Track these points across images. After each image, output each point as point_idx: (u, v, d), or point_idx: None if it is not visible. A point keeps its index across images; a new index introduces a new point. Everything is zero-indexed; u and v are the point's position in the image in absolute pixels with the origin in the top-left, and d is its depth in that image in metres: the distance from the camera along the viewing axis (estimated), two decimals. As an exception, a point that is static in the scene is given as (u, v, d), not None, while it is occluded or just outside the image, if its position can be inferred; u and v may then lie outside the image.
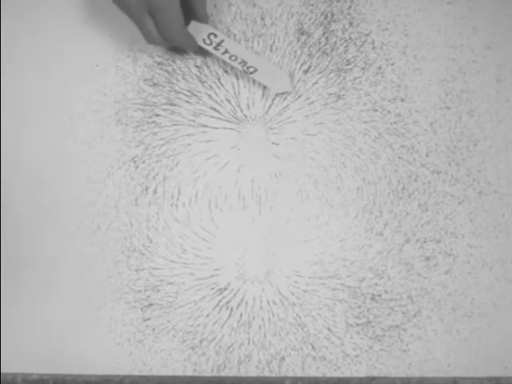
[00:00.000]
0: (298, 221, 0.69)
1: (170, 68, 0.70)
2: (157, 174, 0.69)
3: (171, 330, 0.68)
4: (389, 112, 0.70)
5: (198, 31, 0.68)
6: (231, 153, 0.70)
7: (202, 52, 0.70)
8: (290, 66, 0.70)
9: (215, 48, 0.68)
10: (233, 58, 0.68)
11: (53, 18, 0.71)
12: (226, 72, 0.70)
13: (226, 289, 0.68)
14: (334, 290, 0.68)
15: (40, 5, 0.71)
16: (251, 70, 0.68)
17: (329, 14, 0.71)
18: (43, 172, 0.70)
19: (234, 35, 0.70)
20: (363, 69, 0.70)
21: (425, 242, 0.68)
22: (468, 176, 0.69)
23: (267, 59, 0.70)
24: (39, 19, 0.71)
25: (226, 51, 0.68)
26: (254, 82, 0.70)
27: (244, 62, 0.67)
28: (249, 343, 0.68)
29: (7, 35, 0.71)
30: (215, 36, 0.68)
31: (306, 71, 0.70)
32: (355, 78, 0.70)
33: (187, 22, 0.67)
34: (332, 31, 0.70)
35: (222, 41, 0.68)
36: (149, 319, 0.68)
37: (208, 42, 0.68)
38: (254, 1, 0.71)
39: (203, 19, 0.68)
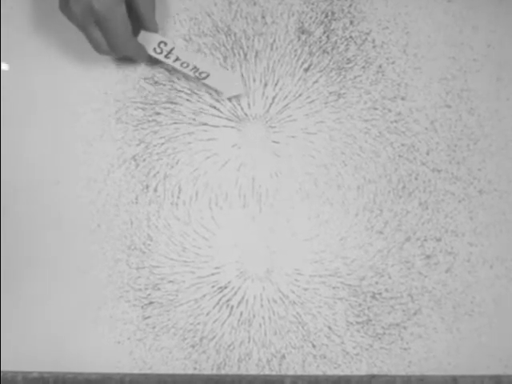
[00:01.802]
0: (298, 219, 0.69)
1: (170, 66, 0.70)
2: (157, 173, 0.69)
3: (171, 328, 0.68)
4: (389, 110, 0.70)
5: (148, 41, 0.68)
6: (232, 151, 0.70)
7: (153, 61, 0.69)
8: (291, 65, 0.70)
9: (166, 56, 0.68)
10: (184, 64, 0.68)
11: (53, 17, 0.71)
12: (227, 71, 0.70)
13: (226, 287, 0.68)
14: (334, 288, 0.68)
15: (40, 4, 0.71)
16: (203, 75, 0.68)
17: (329, 13, 0.71)
18: (43, 171, 0.70)
19: (235, 34, 0.70)
20: (364, 67, 0.70)
21: (425, 240, 0.68)
22: (468, 174, 0.69)
23: (218, 64, 0.70)
24: (39, 18, 0.71)
25: (177, 58, 0.68)
26: (253, 80, 0.70)
27: (196, 68, 0.68)
28: (249, 341, 0.68)
29: (7, 35, 0.71)
30: (165, 44, 0.68)
31: (306, 70, 0.70)
32: (356, 77, 0.70)
33: (136, 32, 0.67)
34: (332, 30, 0.70)
35: (173, 48, 0.68)
36: (149, 317, 0.68)
37: (159, 50, 0.68)
38: (254, -1, 0.71)
39: (152, 28, 0.68)
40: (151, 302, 0.68)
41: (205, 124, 0.70)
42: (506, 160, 0.69)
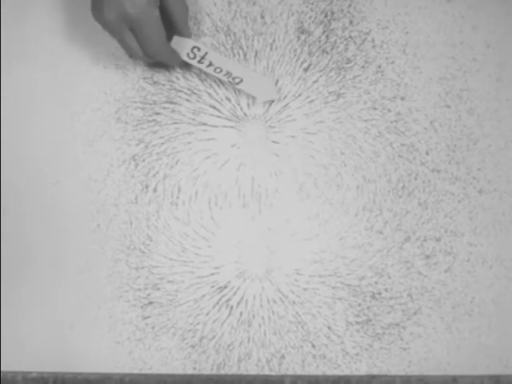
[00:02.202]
0: (297, 219, 0.69)
1: (170, 67, 0.70)
2: (157, 173, 0.69)
3: (171, 329, 0.68)
4: (389, 110, 0.70)
5: (182, 46, 0.68)
6: (231, 151, 0.70)
7: (186, 66, 0.69)
8: (290, 65, 0.70)
9: (199, 61, 0.68)
10: (217, 70, 0.68)
11: (53, 17, 0.71)
12: (226, 70, 0.70)
13: (225, 287, 0.68)
14: (333, 288, 0.68)
15: (40, 4, 0.71)
16: (237, 80, 0.68)
17: (329, 13, 0.71)
18: (43, 171, 0.70)
19: (235, 34, 0.70)
20: (363, 67, 0.70)
21: (425, 240, 0.68)
22: (468, 174, 0.69)
23: (252, 68, 0.70)
24: (39, 18, 0.71)
25: (211, 64, 0.68)
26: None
27: (229, 74, 0.67)
28: (249, 341, 0.68)
29: (7, 35, 0.71)
30: (199, 49, 0.68)
31: (305, 69, 0.70)
32: (355, 77, 0.70)
33: (170, 37, 0.67)
34: (332, 29, 0.70)
35: (206, 53, 0.68)
36: (149, 317, 0.68)
37: (192, 55, 0.68)
38: (254, -1, 0.71)
39: (186, 33, 0.68)
40: (151, 302, 0.68)
41: (204, 124, 0.70)
42: (505, 160, 0.69)
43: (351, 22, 0.71)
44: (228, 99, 0.70)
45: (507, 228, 0.69)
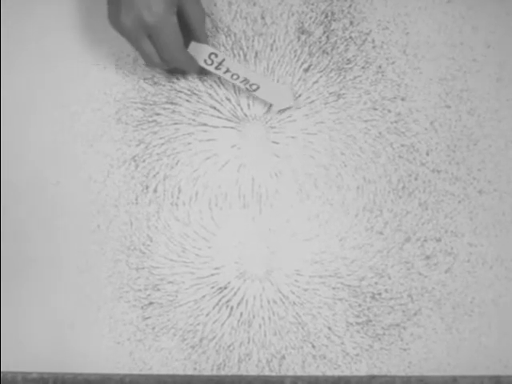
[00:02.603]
0: (298, 220, 0.69)
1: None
2: (157, 173, 0.69)
3: (171, 329, 0.68)
4: (389, 111, 0.70)
5: (199, 52, 0.68)
6: (231, 152, 0.70)
7: (204, 72, 0.69)
8: (290, 65, 0.70)
9: (216, 68, 0.68)
10: (234, 76, 0.67)
11: (53, 17, 0.71)
12: (227, 71, 0.70)
13: (226, 288, 0.68)
14: (334, 288, 0.68)
15: (40, 4, 0.71)
16: (254, 87, 0.68)
17: (329, 13, 0.71)
18: (43, 171, 0.70)
19: (235, 34, 0.70)
20: (363, 68, 0.70)
21: (425, 240, 0.68)
22: (468, 175, 0.69)
23: (269, 76, 0.70)
24: (39, 18, 0.71)
25: (228, 70, 0.67)
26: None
27: (246, 80, 0.67)
28: (249, 342, 0.68)
29: (7, 35, 0.71)
30: (216, 56, 0.68)
31: (306, 70, 0.70)
32: (355, 77, 0.70)
33: (187, 43, 0.67)
34: (332, 30, 0.70)
35: (223, 60, 0.68)
36: (149, 318, 0.68)
37: (209, 62, 0.68)
38: (254, 0, 0.71)
39: (203, 40, 0.68)
40: (151, 303, 0.68)
41: (204, 124, 0.70)
42: (505, 160, 0.69)
43: (351, 23, 0.70)
44: (228, 100, 0.70)
45: (507, 228, 0.69)
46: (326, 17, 0.71)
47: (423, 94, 0.70)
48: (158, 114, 0.70)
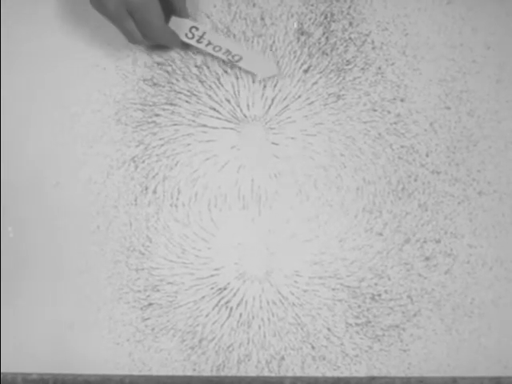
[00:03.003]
0: (297, 221, 0.69)
1: (169, 68, 0.70)
2: (156, 174, 0.69)
3: (171, 330, 0.68)
4: (388, 112, 0.70)
5: (180, 26, 0.68)
6: (231, 153, 0.70)
7: (184, 46, 0.70)
8: (290, 66, 0.70)
9: (198, 41, 0.68)
10: (217, 48, 0.68)
11: (53, 17, 0.71)
12: (226, 72, 0.70)
13: (225, 288, 0.68)
14: (333, 289, 0.68)
15: (40, 4, 0.71)
16: (236, 58, 0.68)
17: (329, 14, 0.71)
18: (43, 172, 0.70)
19: (234, 35, 0.70)
20: (363, 69, 0.70)
21: (425, 241, 0.68)
22: (468, 176, 0.69)
23: (250, 46, 0.70)
24: (39, 19, 0.71)
25: (210, 43, 0.68)
26: (253, 81, 0.70)
27: (228, 52, 0.68)
28: (248, 343, 0.68)
29: (7, 35, 0.71)
30: (197, 29, 0.68)
31: (305, 71, 0.70)
32: (355, 78, 0.70)
33: (167, 19, 0.67)
34: (332, 31, 0.70)
35: (204, 33, 0.68)
36: (148, 319, 0.68)
37: (190, 35, 0.68)
38: (253, 1, 0.71)
39: (183, 14, 0.68)
40: (150, 304, 0.68)
41: (204, 125, 0.70)
42: (505, 161, 0.69)
43: (351, 24, 0.70)
44: (228, 101, 0.70)
45: (507, 229, 0.69)
46: (326, 18, 0.70)
47: (423, 95, 0.70)
48: (157, 115, 0.70)
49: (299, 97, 0.70)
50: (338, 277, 0.68)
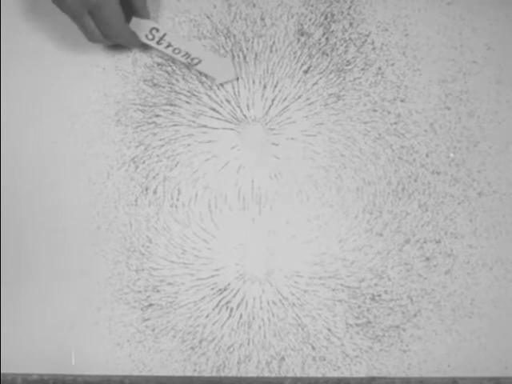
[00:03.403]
0: (297, 221, 0.69)
1: (169, 69, 0.70)
2: (157, 175, 0.69)
3: (171, 331, 0.68)
4: (389, 112, 0.70)
5: (140, 27, 0.68)
6: (231, 153, 0.70)
7: (146, 47, 0.70)
8: (290, 67, 0.70)
9: (158, 42, 0.68)
10: (176, 51, 0.68)
11: (53, 18, 0.71)
12: (226, 72, 0.70)
13: (225, 289, 0.68)
14: (333, 290, 0.68)
15: (40, 5, 0.71)
16: (195, 61, 0.68)
17: (329, 15, 0.71)
18: (43, 173, 0.70)
19: (234, 36, 0.70)
20: (363, 69, 0.70)
21: (425, 242, 0.68)
22: (468, 176, 0.69)
23: (210, 49, 0.70)
24: (39, 19, 0.71)
25: (169, 45, 0.68)
26: (253, 82, 0.70)
27: (188, 55, 0.68)
28: (249, 343, 0.68)
29: (7, 35, 0.71)
30: (157, 31, 0.68)
31: (305, 72, 0.70)
32: (355, 79, 0.70)
33: (128, 19, 0.67)
34: (332, 32, 0.70)
35: (165, 34, 0.68)
36: (149, 319, 0.68)
37: (150, 37, 0.68)
38: (253, 1, 0.71)
39: (144, 15, 0.68)
40: (151, 304, 0.68)
41: (204, 126, 0.70)
42: (505, 162, 0.69)
43: (351, 24, 0.70)
44: (228, 101, 0.70)
45: (507, 230, 0.69)
46: (326, 18, 0.71)
47: (423, 95, 0.70)
48: (157, 116, 0.70)
49: (299, 97, 0.70)
50: (338, 277, 0.68)
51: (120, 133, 0.70)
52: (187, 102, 0.70)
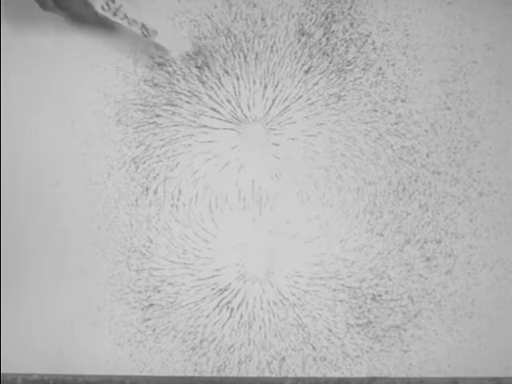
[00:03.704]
0: (298, 221, 0.69)
1: (170, 69, 0.70)
2: (157, 175, 0.69)
3: (172, 331, 0.68)
4: (389, 113, 0.70)
5: None
6: (232, 153, 0.70)
7: (101, 21, 0.69)
8: (291, 67, 0.70)
9: (114, 14, 0.68)
10: (132, 22, 0.68)
11: (53, 18, 0.71)
12: (227, 73, 0.70)
13: (226, 289, 0.68)
14: (334, 290, 0.68)
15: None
16: (151, 33, 0.68)
17: (329, 15, 0.71)
18: (44, 173, 0.70)
19: (235, 36, 0.70)
20: (364, 69, 0.70)
21: (425, 242, 0.68)
22: (468, 176, 0.69)
23: (167, 21, 0.70)
24: (39, 19, 0.71)
25: (125, 16, 0.68)
26: (254, 82, 0.70)
27: (144, 27, 0.68)
28: (249, 344, 0.68)
29: (7, 36, 0.71)
30: (113, 1, 0.68)
31: (306, 72, 0.70)
32: (356, 79, 0.70)
33: None
34: (333, 32, 0.70)
35: (121, 6, 0.68)
36: (149, 320, 0.68)
37: (106, 8, 0.68)
38: (254, 1, 0.71)
39: None
40: (151, 304, 0.68)
41: (205, 126, 0.70)
42: (506, 162, 0.69)
43: (352, 25, 0.71)
44: (228, 101, 0.70)
45: (508, 230, 0.69)
46: (327, 18, 0.71)
47: (423, 95, 0.70)
48: (158, 116, 0.70)
49: (300, 97, 0.70)
50: (338, 277, 0.68)
51: (120, 133, 0.70)
52: (188, 102, 0.70)
